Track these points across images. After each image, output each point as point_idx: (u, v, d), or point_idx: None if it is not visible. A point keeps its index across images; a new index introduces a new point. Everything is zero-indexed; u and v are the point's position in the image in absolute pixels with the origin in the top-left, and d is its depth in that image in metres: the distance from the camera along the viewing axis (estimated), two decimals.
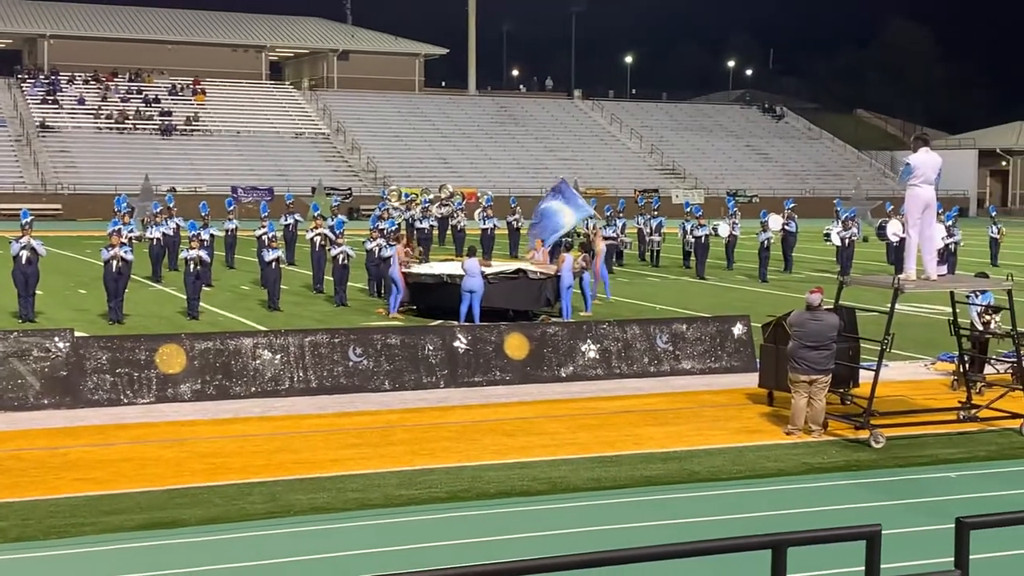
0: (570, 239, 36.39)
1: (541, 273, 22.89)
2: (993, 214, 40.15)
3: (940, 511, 10.16)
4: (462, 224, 38.35)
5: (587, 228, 33.70)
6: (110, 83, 73.14)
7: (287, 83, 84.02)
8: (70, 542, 9.61)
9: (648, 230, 35.63)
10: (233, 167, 66.03)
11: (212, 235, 28.39)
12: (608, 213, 34.57)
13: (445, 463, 12.20)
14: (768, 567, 3.43)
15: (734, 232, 34.87)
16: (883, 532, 3.59)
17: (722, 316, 19.37)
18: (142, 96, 72.27)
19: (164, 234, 29.95)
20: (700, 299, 26.41)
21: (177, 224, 30.74)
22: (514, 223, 37.48)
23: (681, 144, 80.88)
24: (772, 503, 10.90)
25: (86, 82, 72.91)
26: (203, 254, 23.11)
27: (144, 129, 69.06)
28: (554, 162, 73.95)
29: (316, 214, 29.45)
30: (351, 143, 72.10)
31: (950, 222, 32.66)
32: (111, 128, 68.52)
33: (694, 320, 18.76)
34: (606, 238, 29.85)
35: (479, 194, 51.66)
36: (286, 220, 34.01)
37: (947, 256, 29.99)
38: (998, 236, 36.53)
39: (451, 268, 23.55)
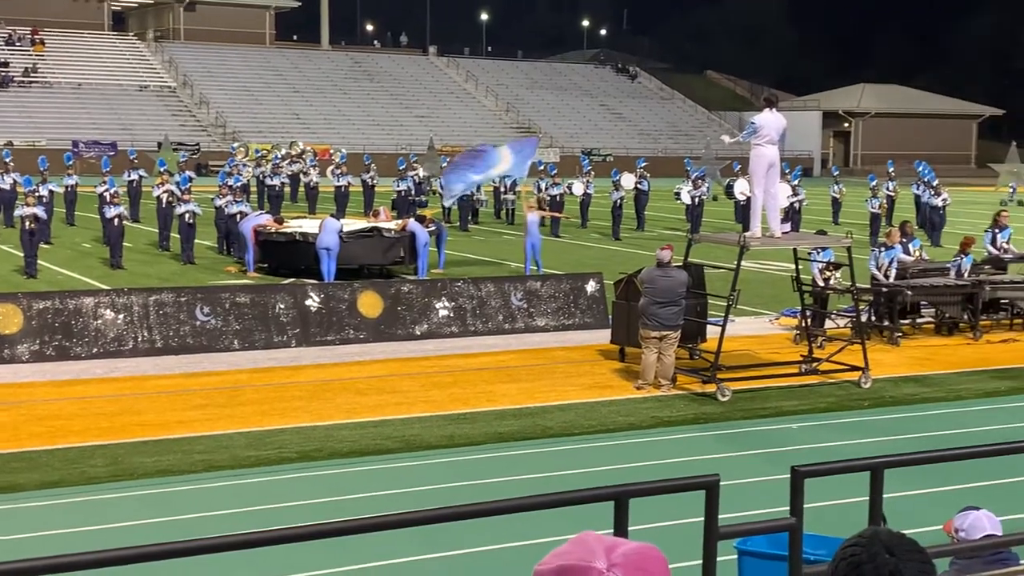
0: (424, 198, 36.24)
1: (395, 231, 22.74)
2: (836, 174, 41.48)
3: (781, 461, 10.47)
4: (314, 181, 37.75)
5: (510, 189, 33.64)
6: None
7: (131, 34, 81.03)
8: None
9: (503, 188, 35.67)
10: (74, 121, 63.52)
11: (51, 191, 27.49)
12: None
13: (296, 423, 12.04)
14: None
15: (588, 191, 35.20)
16: (725, 482, 3.64)
17: (575, 274, 19.57)
18: None
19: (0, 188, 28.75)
20: (554, 257, 26.61)
21: (14, 179, 29.49)
22: (369, 180, 37.01)
23: (537, 103, 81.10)
24: (622, 456, 11.08)
25: None
26: (39, 211, 22.25)
27: None
28: (409, 119, 73.33)
29: (162, 170, 28.55)
30: (199, 97, 70.11)
31: (796, 182, 33.57)
32: None
33: (548, 278, 18.92)
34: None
35: (332, 151, 50.96)
36: (129, 176, 32.97)
37: (792, 214, 30.85)
38: (839, 195, 37.72)
39: (305, 226, 23.21)
